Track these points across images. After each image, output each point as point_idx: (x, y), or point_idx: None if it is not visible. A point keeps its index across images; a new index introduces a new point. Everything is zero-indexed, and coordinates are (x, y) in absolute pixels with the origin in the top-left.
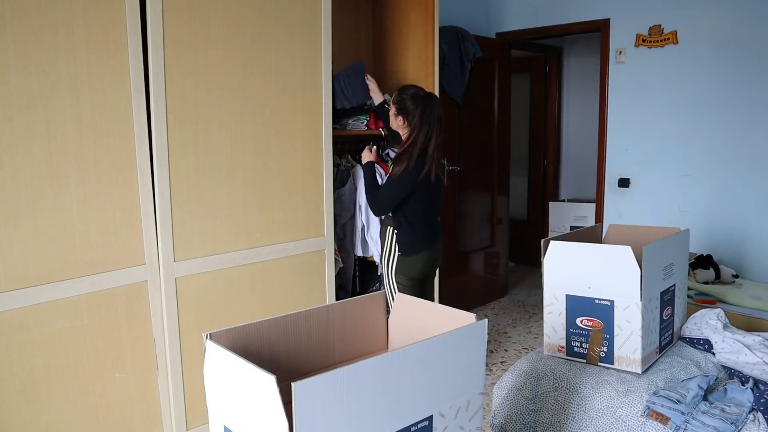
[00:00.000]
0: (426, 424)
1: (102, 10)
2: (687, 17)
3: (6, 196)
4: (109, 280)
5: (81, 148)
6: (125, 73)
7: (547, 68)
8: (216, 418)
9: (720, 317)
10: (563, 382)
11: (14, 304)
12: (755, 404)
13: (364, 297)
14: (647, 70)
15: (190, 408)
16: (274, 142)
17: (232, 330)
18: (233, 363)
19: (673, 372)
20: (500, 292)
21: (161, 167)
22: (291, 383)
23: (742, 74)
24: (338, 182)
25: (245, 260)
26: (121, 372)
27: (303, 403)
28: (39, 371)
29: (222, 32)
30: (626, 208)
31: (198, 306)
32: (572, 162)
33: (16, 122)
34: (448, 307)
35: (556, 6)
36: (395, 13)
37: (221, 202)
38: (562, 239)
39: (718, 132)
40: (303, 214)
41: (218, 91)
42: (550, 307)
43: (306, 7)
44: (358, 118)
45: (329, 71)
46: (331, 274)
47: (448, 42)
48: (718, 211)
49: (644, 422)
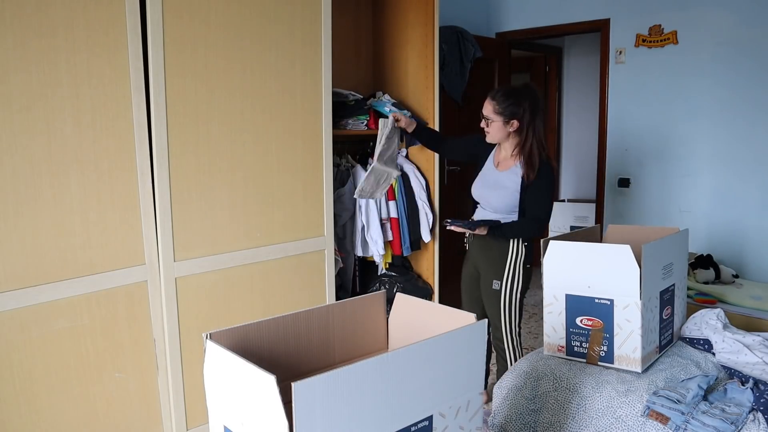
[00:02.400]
0: (426, 424)
1: (102, 10)
2: (687, 17)
3: (6, 196)
4: (109, 280)
5: (81, 148)
6: (125, 73)
7: (547, 68)
8: (216, 418)
9: (720, 317)
10: (563, 381)
11: (14, 304)
12: (755, 404)
13: (364, 297)
14: (647, 70)
15: (190, 408)
16: (274, 142)
17: (232, 330)
18: (233, 363)
19: (673, 372)
20: None
21: (161, 167)
22: (291, 383)
23: (741, 74)
24: (338, 182)
25: (245, 260)
26: (121, 372)
27: (303, 403)
28: (39, 371)
29: (222, 32)
30: (626, 208)
31: (198, 306)
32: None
33: (16, 122)
34: (448, 307)
35: (556, 6)
36: (395, 13)
37: (221, 201)
38: (561, 239)
39: (718, 132)
40: (303, 214)
41: (218, 91)
42: (549, 306)
43: (306, 7)
44: (358, 118)
45: (329, 71)
46: (331, 274)
47: (448, 42)
48: (718, 211)
49: (644, 422)
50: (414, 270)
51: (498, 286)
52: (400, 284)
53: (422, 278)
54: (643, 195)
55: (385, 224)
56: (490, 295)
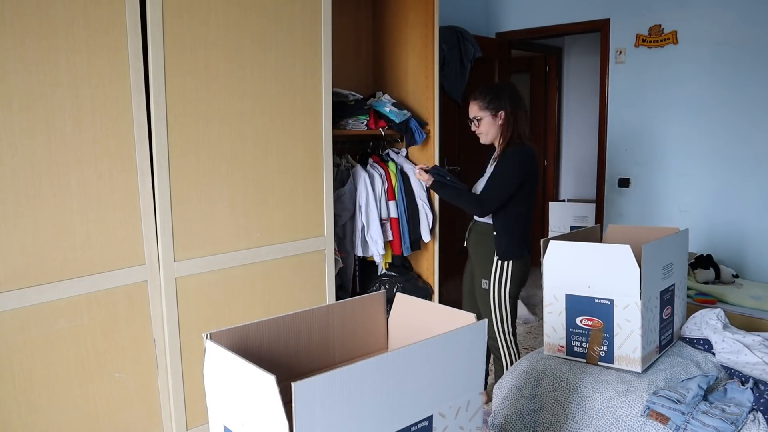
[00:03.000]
0: (426, 424)
1: (102, 10)
2: (687, 17)
3: (6, 196)
4: (109, 280)
5: (81, 148)
6: (125, 73)
7: (547, 68)
8: (216, 418)
9: (720, 317)
10: (563, 381)
11: (14, 304)
12: (755, 404)
13: (364, 297)
14: (647, 70)
15: (190, 408)
16: (274, 142)
17: (232, 330)
18: (233, 363)
19: (673, 372)
20: None
21: (161, 167)
22: (291, 383)
23: (741, 74)
24: (338, 182)
25: (245, 260)
26: (121, 372)
27: (303, 403)
28: (39, 371)
29: (222, 32)
30: (626, 208)
31: (198, 306)
32: (572, 162)
33: (16, 122)
34: (448, 307)
35: (556, 6)
36: (395, 14)
37: (221, 201)
38: (561, 239)
39: (718, 132)
40: (303, 214)
41: (218, 91)
42: (549, 306)
43: (306, 7)
44: (358, 118)
45: (329, 71)
46: (331, 274)
47: (448, 42)
48: (718, 211)
49: (644, 422)
50: (414, 270)
51: (486, 285)
52: (400, 284)
53: (422, 278)
54: (643, 195)
55: (385, 224)
56: (480, 295)
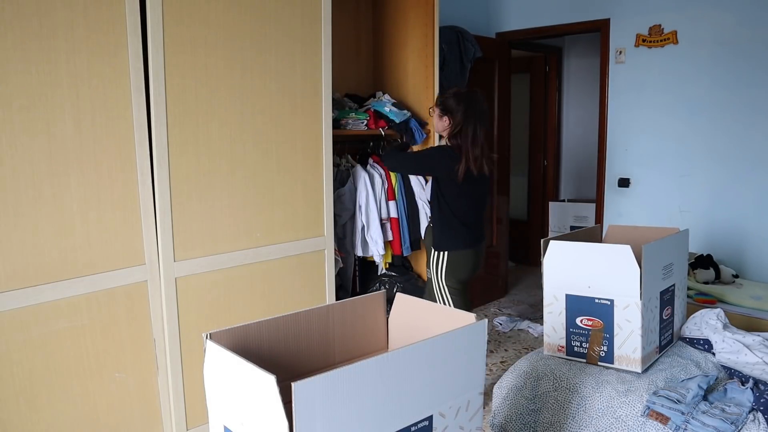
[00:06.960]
0: (426, 424)
1: (102, 10)
2: (687, 17)
3: (6, 196)
4: (109, 280)
5: (81, 148)
6: (125, 74)
7: (547, 68)
8: (216, 418)
9: (720, 317)
10: (563, 381)
11: (14, 304)
12: (755, 404)
13: (364, 297)
14: (647, 70)
15: (190, 408)
16: (274, 142)
17: (232, 330)
18: (233, 363)
19: (673, 372)
20: (500, 292)
21: (161, 167)
22: (291, 383)
23: (742, 75)
24: (338, 182)
25: (245, 260)
26: (121, 372)
27: (303, 403)
28: (39, 371)
29: (222, 33)
30: (626, 208)
31: (198, 306)
32: (572, 162)
33: (16, 122)
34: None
35: (556, 6)
36: (395, 13)
37: (221, 202)
38: (561, 239)
39: (718, 132)
40: (303, 214)
41: (218, 92)
42: (550, 306)
43: (306, 8)
44: (358, 118)
45: (329, 71)
46: (331, 274)
47: (448, 42)
48: (718, 211)
49: (644, 422)
50: (414, 270)
51: (429, 274)
52: (400, 284)
53: (422, 278)
54: (643, 195)
55: (385, 224)
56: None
